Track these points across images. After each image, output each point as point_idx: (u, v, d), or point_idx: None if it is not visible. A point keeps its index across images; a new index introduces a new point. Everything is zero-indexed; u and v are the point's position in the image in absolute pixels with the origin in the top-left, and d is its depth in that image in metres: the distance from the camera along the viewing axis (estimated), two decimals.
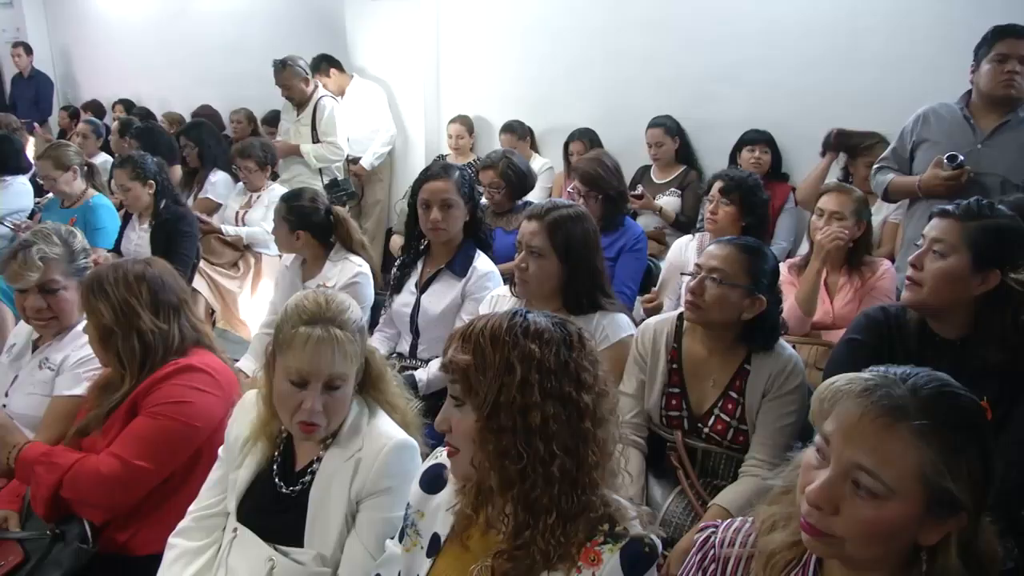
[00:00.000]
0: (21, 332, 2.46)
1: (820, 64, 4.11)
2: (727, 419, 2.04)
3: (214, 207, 4.81)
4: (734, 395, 2.05)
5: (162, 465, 1.89)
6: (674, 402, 2.12)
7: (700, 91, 4.53)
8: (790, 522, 1.16)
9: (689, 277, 2.11)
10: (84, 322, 2.03)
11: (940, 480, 1.00)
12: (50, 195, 4.35)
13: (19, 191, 4.72)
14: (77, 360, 2.23)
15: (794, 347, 2.20)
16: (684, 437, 2.10)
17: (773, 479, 1.25)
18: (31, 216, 4.57)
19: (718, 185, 3.01)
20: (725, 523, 1.30)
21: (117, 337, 1.92)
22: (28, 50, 8.27)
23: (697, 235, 3.21)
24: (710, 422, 2.07)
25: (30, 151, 5.58)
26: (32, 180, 4.85)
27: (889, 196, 3.16)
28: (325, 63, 5.41)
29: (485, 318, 1.30)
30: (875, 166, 3.15)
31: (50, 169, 4.03)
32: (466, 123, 5.41)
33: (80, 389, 2.17)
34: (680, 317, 2.16)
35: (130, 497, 1.89)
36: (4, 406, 2.32)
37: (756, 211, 3.00)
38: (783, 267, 2.75)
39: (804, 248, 3.33)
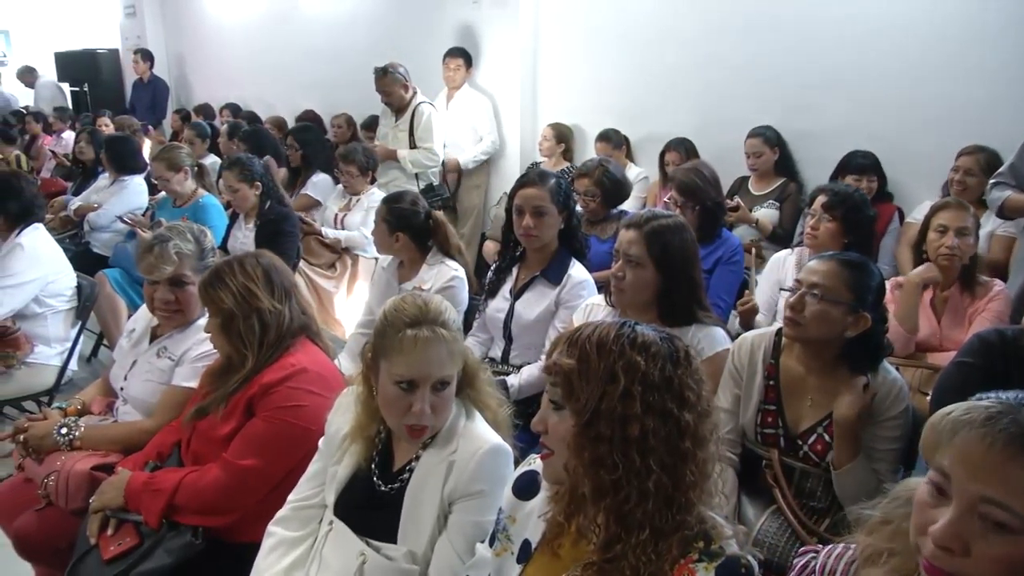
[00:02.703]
0: (140, 318, 2.59)
1: (931, 75, 3.93)
2: (828, 440, 1.98)
3: (313, 203, 4.96)
4: None
5: (276, 467, 1.96)
6: (770, 419, 2.07)
7: (802, 100, 4.42)
8: (890, 558, 1.11)
9: (789, 292, 2.05)
10: (205, 318, 2.13)
11: None
12: (163, 194, 4.56)
13: (136, 190, 4.99)
14: (198, 354, 2.34)
15: (897, 369, 2.12)
16: (780, 456, 2.05)
17: (870, 509, 1.21)
18: (144, 214, 4.80)
19: (821, 200, 2.92)
20: (827, 549, 1.26)
21: (238, 320, 2.01)
22: (146, 56, 8.76)
23: (796, 249, 3.14)
24: (809, 441, 2.01)
25: (145, 152, 5.89)
26: (146, 179, 5.11)
27: (1004, 213, 3.01)
28: (459, 53, 5.56)
29: (593, 325, 1.29)
30: (991, 181, 3.02)
31: (163, 170, 4.23)
32: (560, 130, 5.43)
33: (194, 382, 2.27)
34: (779, 332, 2.11)
35: (248, 499, 1.96)
36: (122, 388, 2.46)
37: (860, 230, 2.90)
38: (887, 285, 2.66)
39: None
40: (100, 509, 2.02)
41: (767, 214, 4.16)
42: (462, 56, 5.59)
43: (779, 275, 3.05)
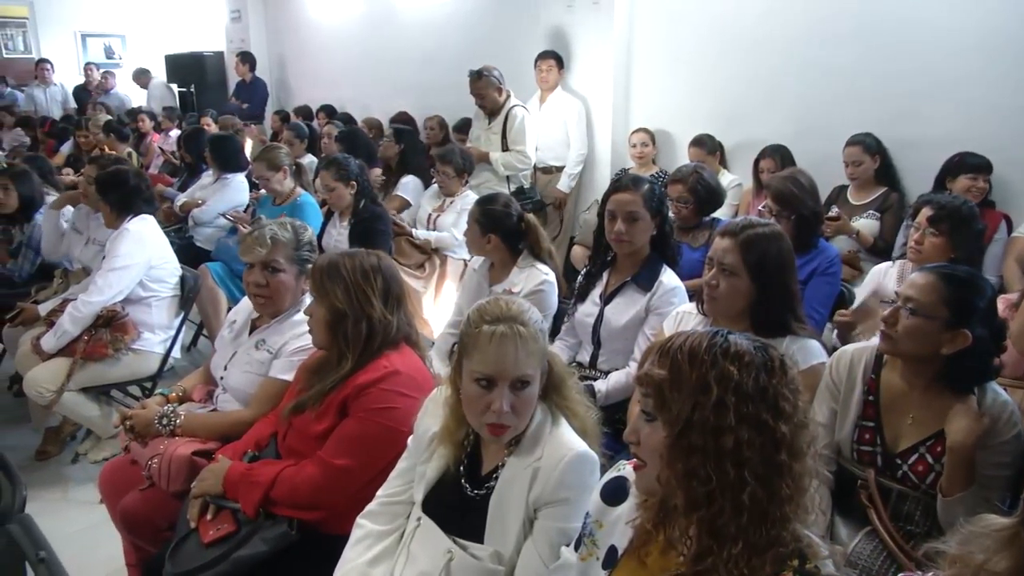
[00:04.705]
0: (241, 311, 2.69)
1: None
2: (931, 461, 1.91)
3: (404, 204, 5.05)
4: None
5: (368, 466, 2.00)
6: (867, 436, 2.00)
7: (905, 107, 4.25)
8: None
9: (888, 305, 1.99)
10: (303, 310, 2.19)
11: None
12: (263, 192, 4.72)
13: (237, 188, 5.18)
14: (295, 348, 2.42)
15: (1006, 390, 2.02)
16: (877, 475, 1.98)
17: (948, 540, 1.15)
18: (245, 211, 4.97)
19: (926, 212, 2.80)
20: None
21: (347, 320, 2.05)
22: (246, 59, 9.11)
23: (898, 262, 3.02)
24: (910, 461, 1.94)
25: (247, 151, 6.11)
26: (247, 177, 5.30)
27: None
28: (551, 55, 5.60)
29: (684, 335, 1.27)
30: None
31: (264, 170, 4.38)
32: (649, 133, 5.40)
33: (291, 375, 2.35)
34: None
35: (341, 497, 2.00)
36: (222, 378, 2.56)
37: (968, 244, 2.79)
38: (999, 303, 2.53)
39: None
40: (200, 495, 2.10)
41: (866, 225, 4.02)
42: (554, 58, 5.60)
43: (879, 288, 2.95)
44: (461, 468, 1.73)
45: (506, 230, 3.06)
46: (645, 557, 1.34)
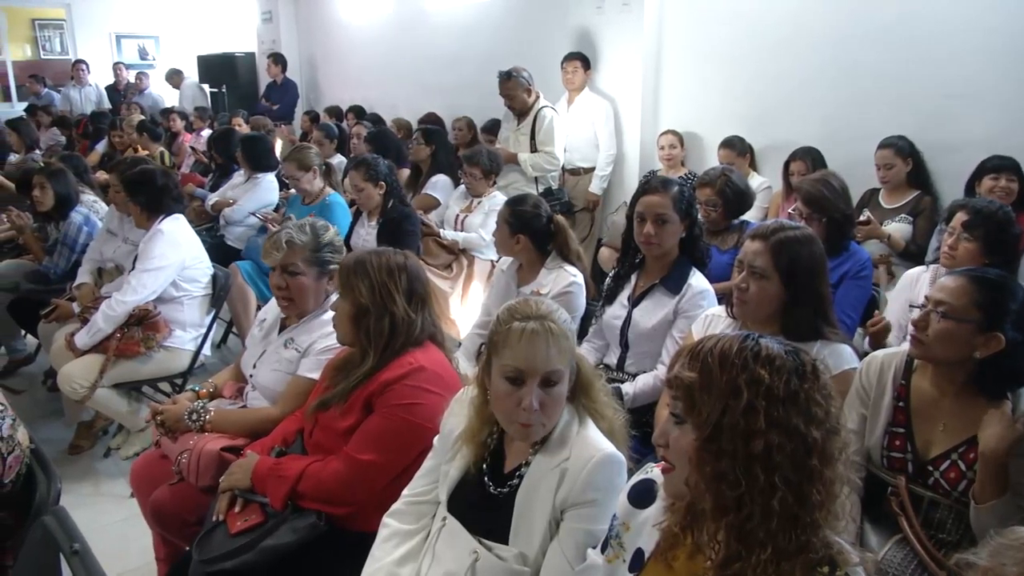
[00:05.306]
0: (271, 309, 2.72)
1: None
2: (963, 468, 1.87)
3: (434, 203, 5.07)
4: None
5: (393, 462, 2.01)
6: (897, 443, 1.98)
7: (938, 109, 4.20)
8: None
9: (918, 309, 1.96)
10: (331, 311, 2.21)
11: None
12: (292, 191, 4.76)
13: (268, 187, 5.22)
14: (323, 347, 2.44)
15: None
16: (908, 482, 1.95)
17: (979, 551, 1.13)
18: (276, 210, 5.02)
19: (961, 217, 2.76)
20: None
21: (370, 317, 2.07)
22: (277, 60, 9.22)
23: (931, 266, 2.98)
24: (942, 467, 1.90)
25: (277, 151, 6.16)
26: (277, 177, 5.34)
27: None
28: (575, 56, 5.60)
29: (715, 338, 1.27)
30: None
31: (294, 170, 4.43)
32: (677, 135, 5.37)
33: (318, 373, 2.36)
34: None
35: (367, 492, 2.02)
36: (251, 375, 2.59)
37: (1004, 250, 2.74)
38: None
39: None
40: (229, 489, 2.12)
41: (898, 228, 3.97)
42: (580, 59, 5.59)
43: (912, 293, 2.91)
44: (484, 466, 1.73)
45: (535, 231, 3.06)
46: (672, 561, 1.33)
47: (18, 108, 10.72)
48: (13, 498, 1.81)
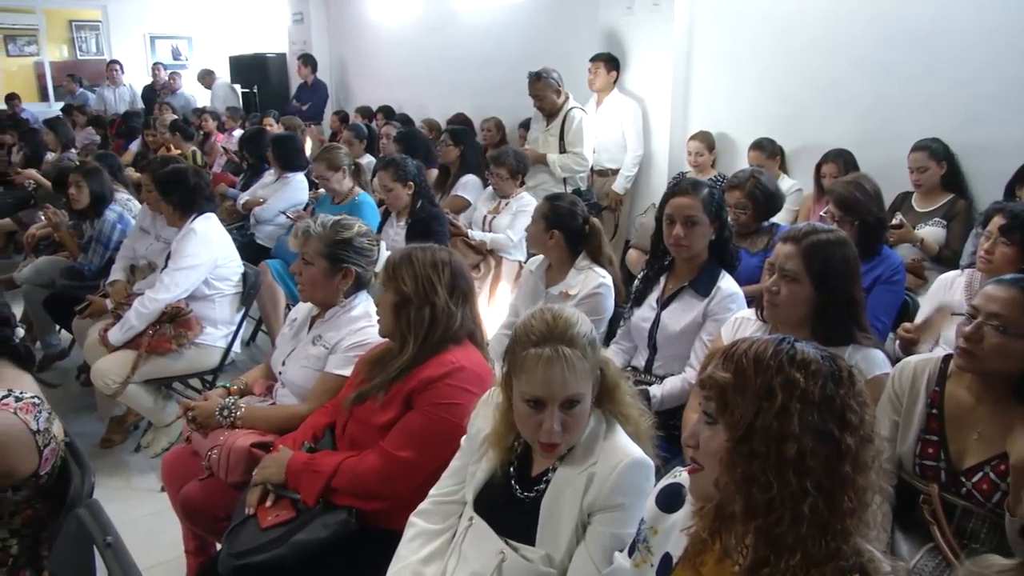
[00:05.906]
0: (302, 308, 2.75)
1: None
2: (997, 480, 1.84)
3: (464, 204, 5.08)
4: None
5: (430, 460, 2.01)
6: (931, 451, 1.94)
7: (973, 111, 4.13)
8: None
9: (964, 319, 1.92)
10: (357, 310, 2.23)
11: None
12: (323, 191, 4.79)
13: (297, 186, 5.27)
14: (351, 344, 2.46)
15: None
16: (941, 491, 1.91)
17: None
18: (305, 209, 5.06)
19: (998, 221, 2.71)
20: None
21: (411, 306, 2.09)
22: (307, 61, 9.29)
23: (966, 271, 2.93)
24: (974, 479, 1.87)
25: (307, 150, 6.21)
26: (307, 176, 5.39)
27: None
28: (600, 57, 5.59)
29: (750, 340, 1.25)
30: None
31: (323, 170, 4.46)
32: (706, 140, 5.33)
33: (347, 371, 2.38)
34: (946, 358, 1.98)
35: (403, 488, 2.02)
36: (281, 373, 2.62)
37: None
38: None
39: None
40: (261, 482, 2.14)
41: (932, 232, 3.92)
42: (603, 60, 5.57)
43: (945, 298, 2.86)
44: (511, 470, 1.73)
45: (570, 229, 3.05)
46: (700, 566, 1.31)
47: (55, 107, 10.94)
48: (48, 490, 1.83)
